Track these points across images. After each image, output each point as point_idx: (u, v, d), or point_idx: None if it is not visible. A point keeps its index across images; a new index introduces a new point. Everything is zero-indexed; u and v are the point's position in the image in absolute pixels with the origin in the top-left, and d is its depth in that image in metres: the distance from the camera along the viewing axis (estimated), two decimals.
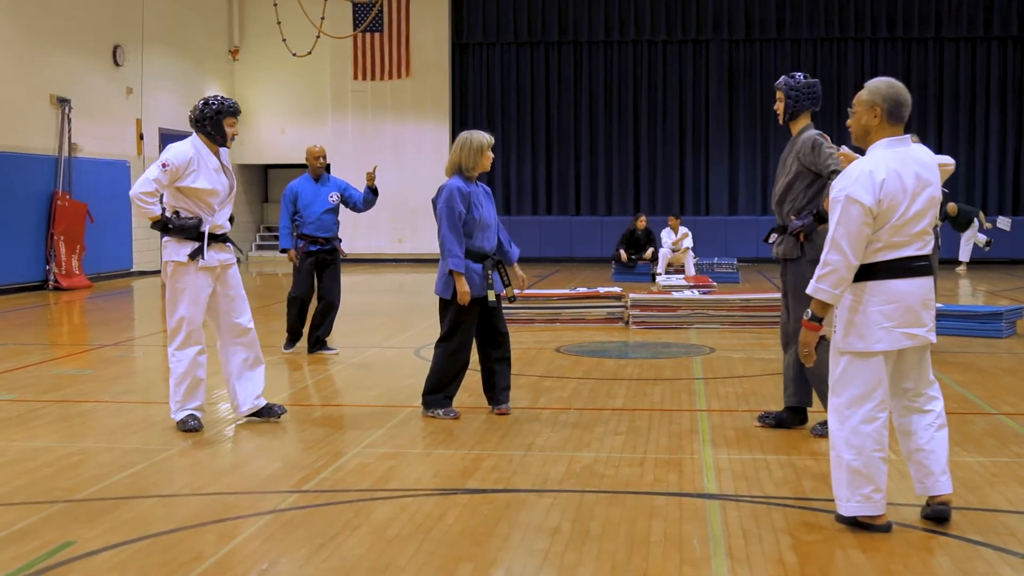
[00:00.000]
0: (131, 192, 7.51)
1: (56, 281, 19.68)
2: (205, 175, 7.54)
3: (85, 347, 12.51)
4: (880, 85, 5.33)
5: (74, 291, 19.53)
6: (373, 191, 11.19)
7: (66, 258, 19.96)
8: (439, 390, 7.97)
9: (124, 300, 18.94)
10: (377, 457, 6.82)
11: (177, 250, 7.53)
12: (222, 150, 7.77)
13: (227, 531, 5.35)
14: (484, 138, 7.98)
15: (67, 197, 20.20)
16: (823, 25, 26.61)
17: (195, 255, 7.50)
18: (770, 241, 7.60)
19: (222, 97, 7.67)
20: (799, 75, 7.42)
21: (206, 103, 7.61)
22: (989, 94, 26.62)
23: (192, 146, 7.57)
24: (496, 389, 8.08)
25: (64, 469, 6.55)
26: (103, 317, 16.34)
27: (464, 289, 7.72)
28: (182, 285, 7.54)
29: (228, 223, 7.75)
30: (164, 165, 7.43)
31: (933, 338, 5.26)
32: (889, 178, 5.10)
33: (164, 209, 7.57)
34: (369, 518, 5.51)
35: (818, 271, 5.20)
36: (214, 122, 7.55)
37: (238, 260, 8.03)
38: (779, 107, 7.46)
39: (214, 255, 7.60)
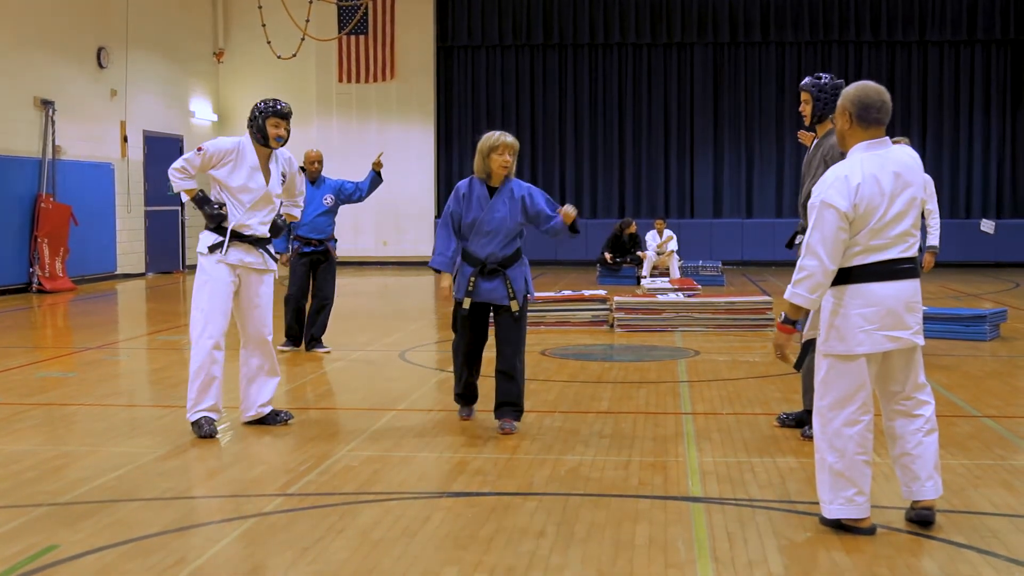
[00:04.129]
0: (169, 169, 7.71)
1: (40, 284, 19.59)
2: (240, 171, 7.61)
3: (69, 350, 12.46)
4: (849, 89, 5.35)
5: (58, 294, 19.45)
6: (379, 175, 11.55)
7: (50, 261, 19.87)
8: (457, 389, 8.03)
9: (108, 303, 18.88)
10: (362, 460, 6.82)
11: (202, 242, 7.64)
12: (280, 156, 7.81)
13: (212, 535, 5.34)
14: (490, 140, 7.62)
15: (51, 200, 20.11)
16: (807, 28, 26.65)
17: (215, 248, 7.56)
18: (797, 242, 7.49)
19: (275, 100, 7.72)
20: (826, 76, 7.31)
21: (258, 103, 7.70)
22: (973, 97, 26.69)
23: (238, 141, 7.69)
24: (496, 401, 7.77)
25: (47, 472, 6.53)
26: (87, 320, 16.28)
27: (439, 285, 7.80)
28: (204, 278, 7.60)
29: (261, 228, 7.69)
30: (199, 149, 7.65)
31: (919, 341, 5.25)
32: (865, 182, 5.11)
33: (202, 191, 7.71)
34: (354, 521, 5.50)
35: (794, 276, 5.22)
36: (258, 122, 7.63)
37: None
38: (805, 109, 7.32)
39: (237, 254, 7.60)
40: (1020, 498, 5.89)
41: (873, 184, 5.12)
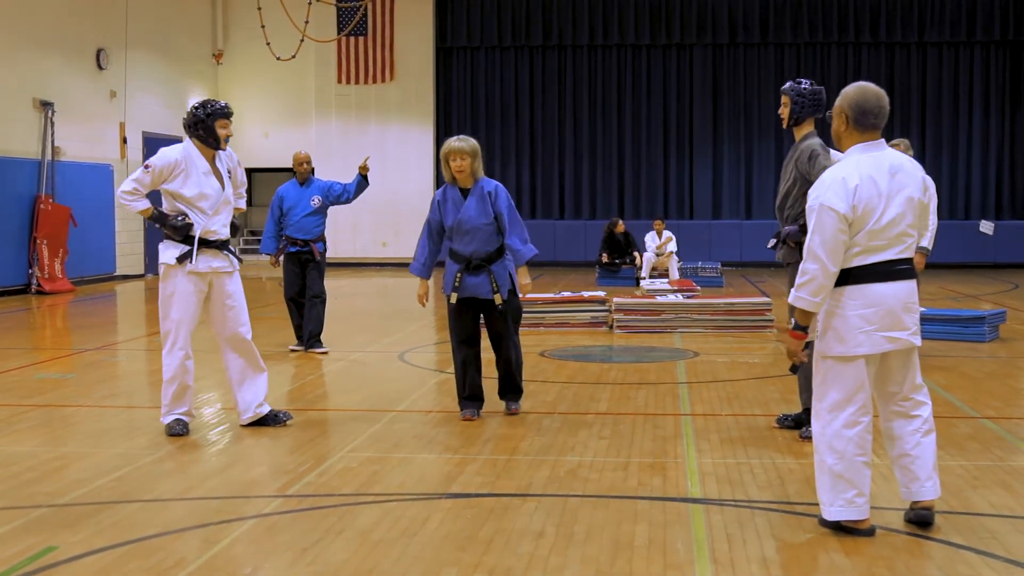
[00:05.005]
0: (117, 192, 7.62)
1: (39, 285, 19.60)
2: (193, 179, 7.55)
3: (68, 351, 12.46)
4: (848, 91, 5.37)
5: (57, 295, 19.45)
6: (364, 179, 11.70)
7: (49, 262, 19.88)
8: (458, 390, 8.22)
9: (107, 304, 18.88)
10: (361, 461, 6.82)
11: (168, 253, 7.56)
12: (222, 154, 7.80)
13: (211, 536, 5.34)
14: (446, 148, 8.08)
15: (50, 201, 20.11)
16: (807, 30, 26.67)
17: (183, 259, 7.51)
18: (771, 246, 7.61)
19: (213, 100, 7.68)
20: (805, 82, 7.51)
21: (198, 107, 7.62)
22: (972, 98, 26.71)
23: (182, 150, 7.61)
24: (500, 390, 8.33)
25: (46, 474, 6.53)
26: (86, 321, 16.28)
27: (418, 292, 8.34)
28: (171, 289, 7.57)
29: (224, 230, 7.70)
30: (147, 166, 7.54)
31: (917, 341, 5.25)
32: (863, 183, 5.13)
33: (157, 205, 7.64)
34: (353, 523, 5.50)
35: (797, 280, 5.23)
36: (206, 125, 7.57)
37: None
38: (784, 112, 7.50)
39: (206, 261, 7.58)
40: (1019, 499, 5.89)
41: (871, 185, 5.13)
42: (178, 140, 24.77)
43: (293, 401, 9.06)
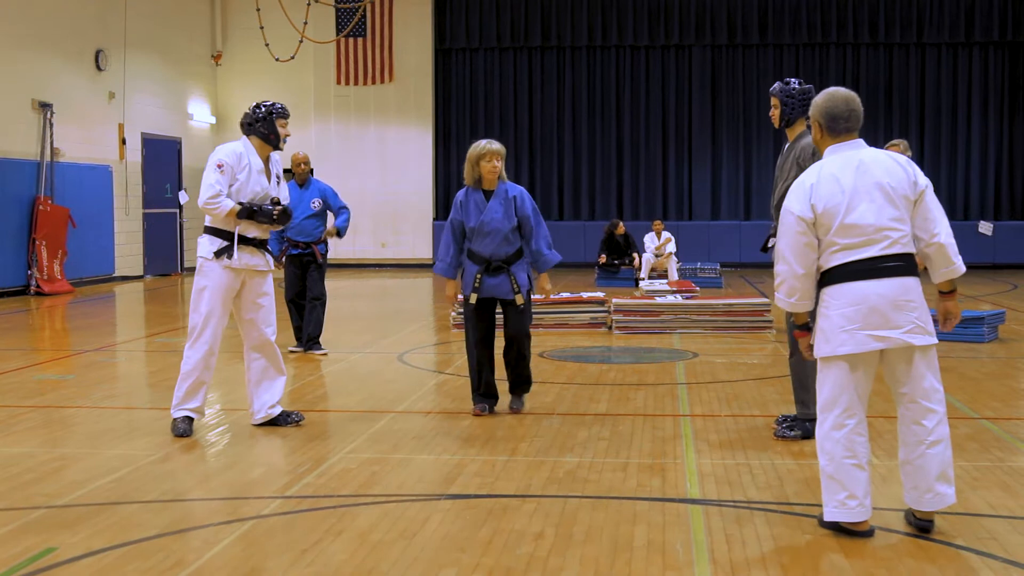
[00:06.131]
0: (199, 203, 7.59)
1: (38, 286, 19.59)
2: (250, 176, 7.62)
3: (67, 352, 12.46)
4: (818, 99, 5.42)
5: (56, 296, 19.44)
6: (338, 232, 11.88)
7: (48, 263, 19.87)
8: (473, 387, 8.38)
9: (106, 305, 18.87)
10: (360, 462, 6.82)
11: (206, 247, 7.58)
12: (274, 157, 7.85)
13: (209, 537, 5.34)
14: (478, 149, 8.24)
15: (49, 202, 20.11)
16: (806, 30, 26.67)
17: (221, 253, 7.53)
18: (769, 247, 7.60)
19: (272, 101, 7.78)
20: (794, 82, 7.48)
21: (258, 106, 7.72)
22: (971, 99, 26.72)
23: (241, 144, 7.68)
24: (511, 385, 8.50)
25: (45, 475, 6.53)
26: (85, 322, 16.27)
27: (447, 293, 8.37)
28: (205, 282, 7.58)
29: (265, 231, 7.75)
30: (219, 166, 7.53)
31: (915, 340, 5.16)
32: (821, 182, 5.18)
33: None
34: (352, 524, 5.50)
35: (775, 281, 5.33)
36: (268, 123, 7.65)
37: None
38: (774, 114, 7.50)
39: (243, 258, 7.60)
40: (1018, 500, 5.89)
41: (831, 183, 5.17)
42: (176, 141, 25.03)
43: (293, 403, 9.06)
